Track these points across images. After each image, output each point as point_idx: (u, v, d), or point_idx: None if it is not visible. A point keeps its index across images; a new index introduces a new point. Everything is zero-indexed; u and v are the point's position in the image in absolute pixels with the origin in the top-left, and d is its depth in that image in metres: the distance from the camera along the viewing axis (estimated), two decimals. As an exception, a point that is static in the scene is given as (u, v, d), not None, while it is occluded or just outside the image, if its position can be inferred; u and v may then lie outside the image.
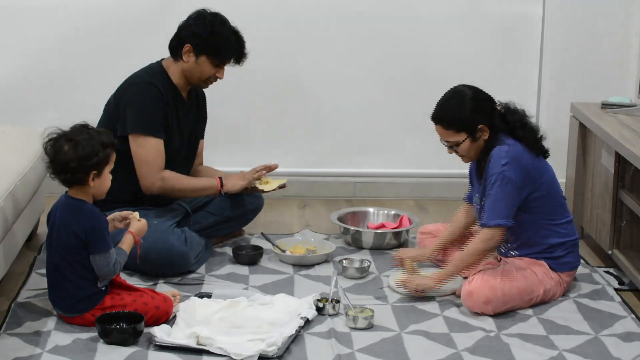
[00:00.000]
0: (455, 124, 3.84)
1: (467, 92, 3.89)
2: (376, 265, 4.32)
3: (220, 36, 4.19)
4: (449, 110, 3.87)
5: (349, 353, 3.49)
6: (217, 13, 4.25)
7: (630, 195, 4.18)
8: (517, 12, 5.29)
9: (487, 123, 3.84)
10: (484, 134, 3.85)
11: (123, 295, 3.64)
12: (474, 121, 3.83)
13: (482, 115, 3.85)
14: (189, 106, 4.36)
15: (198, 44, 4.18)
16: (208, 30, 4.18)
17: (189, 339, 3.47)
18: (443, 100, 3.91)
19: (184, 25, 4.23)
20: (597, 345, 3.60)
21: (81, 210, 3.55)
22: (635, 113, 4.59)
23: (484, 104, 3.88)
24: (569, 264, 3.99)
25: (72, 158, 3.49)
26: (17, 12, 5.08)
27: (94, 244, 3.53)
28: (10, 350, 3.44)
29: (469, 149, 3.88)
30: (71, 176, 3.53)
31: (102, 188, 3.59)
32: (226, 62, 4.26)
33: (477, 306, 3.80)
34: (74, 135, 3.53)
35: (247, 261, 4.33)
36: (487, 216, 3.85)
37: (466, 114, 3.84)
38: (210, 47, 4.19)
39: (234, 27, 4.25)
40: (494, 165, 3.81)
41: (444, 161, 5.26)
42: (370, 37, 5.26)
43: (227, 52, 4.22)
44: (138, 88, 4.19)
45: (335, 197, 5.40)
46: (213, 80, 4.29)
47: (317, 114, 5.35)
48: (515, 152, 3.82)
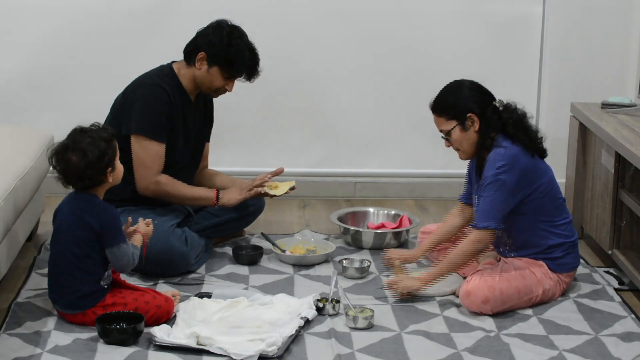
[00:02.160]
0: (446, 111, 3.88)
1: (465, 82, 3.93)
2: (376, 265, 4.32)
3: (236, 50, 4.18)
4: (442, 97, 3.92)
5: (349, 353, 3.49)
6: (236, 26, 4.25)
7: (630, 195, 4.18)
8: (517, 12, 5.29)
9: (477, 112, 3.85)
10: (475, 124, 3.85)
11: (125, 294, 3.65)
12: (464, 109, 3.85)
13: (474, 104, 3.86)
14: (196, 109, 4.36)
15: (212, 54, 4.18)
16: (224, 42, 4.18)
17: (189, 339, 3.47)
18: (441, 91, 3.96)
19: (202, 33, 4.23)
20: (597, 345, 3.60)
21: (95, 204, 3.57)
22: (635, 113, 4.59)
23: (478, 95, 3.90)
24: (568, 265, 3.98)
25: (85, 166, 3.51)
26: (17, 12, 5.08)
27: (112, 237, 3.55)
28: (10, 350, 3.44)
29: (460, 140, 3.88)
30: (89, 181, 3.56)
31: (118, 177, 3.64)
32: (237, 76, 4.25)
33: (475, 305, 3.80)
34: (77, 144, 3.53)
35: (247, 261, 4.33)
36: (477, 218, 3.86)
37: (458, 101, 3.87)
38: (223, 59, 4.18)
39: (251, 43, 4.25)
40: (489, 168, 3.82)
41: (444, 161, 5.29)
42: (370, 37, 5.26)
43: (240, 67, 4.21)
44: (147, 89, 4.19)
45: (335, 197, 5.40)
46: (222, 92, 4.30)
47: (317, 114, 5.35)
48: (511, 155, 3.81)
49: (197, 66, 4.21)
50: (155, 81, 4.22)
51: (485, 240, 3.85)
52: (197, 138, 4.41)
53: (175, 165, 4.25)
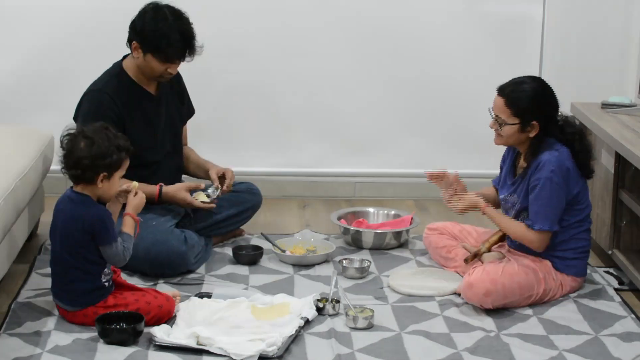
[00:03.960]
0: (516, 107, 3.86)
1: (544, 88, 3.92)
2: (376, 265, 4.32)
3: (161, 33, 4.04)
4: (520, 91, 3.87)
5: (349, 353, 3.49)
6: (161, 6, 4.11)
7: (630, 195, 4.18)
8: (517, 12, 5.29)
9: (542, 123, 3.86)
10: (533, 131, 3.87)
11: (126, 295, 3.66)
12: (532, 115, 3.86)
13: (542, 114, 3.87)
14: (159, 98, 4.29)
15: (141, 41, 4.10)
16: (149, 28, 4.06)
17: (189, 339, 3.47)
18: (520, 80, 3.92)
19: (132, 21, 4.14)
20: (597, 345, 3.60)
21: (85, 204, 3.57)
22: (635, 113, 4.59)
23: (549, 107, 3.91)
24: (575, 268, 3.99)
25: (86, 155, 3.52)
26: (17, 12, 5.08)
27: (101, 237, 3.55)
28: (10, 350, 3.44)
29: (512, 135, 3.89)
30: (81, 173, 3.55)
31: (109, 192, 3.61)
32: (172, 61, 4.12)
33: (476, 298, 3.80)
34: (91, 134, 3.55)
35: (247, 261, 4.33)
36: (533, 219, 3.88)
37: (531, 105, 3.86)
38: (151, 45, 4.08)
39: (182, 21, 4.10)
40: (544, 169, 3.83)
41: (444, 161, 5.28)
42: (370, 37, 5.26)
43: (170, 50, 4.08)
44: (89, 97, 4.16)
45: (335, 197, 5.40)
46: (168, 76, 4.18)
47: (317, 113, 5.35)
48: (564, 158, 3.84)
49: (135, 56, 4.15)
50: (98, 86, 4.17)
51: (541, 243, 3.89)
52: (172, 124, 4.35)
53: (157, 158, 4.23)
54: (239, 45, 5.12)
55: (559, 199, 3.86)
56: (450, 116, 5.38)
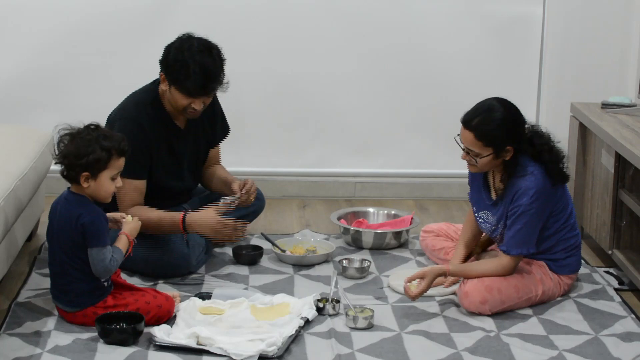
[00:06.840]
0: (487, 139, 3.75)
1: (510, 112, 3.79)
2: (376, 265, 4.32)
3: (181, 65, 3.93)
4: (486, 123, 3.75)
5: (349, 353, 3.49)
6: (193, 38, 4.02)
7: (630, 195, 4.18)
8: (517, 12, 5.29)
9: (515, 146, 3.79)
10: (509, 154, 3.80)
11: (125, 295, 3.65)
12: (505, 142, 3.76)
13: (514, 138, 3.78)
14: (186, 132, 4.20)
15: (165, 72, 4.00)
16: (171, 57, 3.96)
17: (189, 339, 3.47)
18: (482, 109, 3.79)
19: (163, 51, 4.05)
20: (597, 345, 3.60)
21: (80, 204, 3.56)
22: (635, 113, 4.59)
23: (519, 128, 3.81)
24: (570, 267, 3.98)
25: (66, 154, 3.53)
26: (17, 12, 5.08)
27: (91, 238, 3.53)
28: (10, 350, 3.44)
29: (488, 164, 3.81)
30: (65, 171, 3.56)
31: (99, 192, 3.57)
32: (194, 95, 3.97)
33: (473, 306, 3.80)
34: (78, 132, 3.55)
35: (247, 261, 4.33)
36: (509, 245, 3.83)
37: (501, 134, 3.75)
38: (172, 76, 3.97)
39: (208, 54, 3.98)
40: (522, 196, 3.77)
41: (444, 161, 5.30)
42: (370, 37, 5.26)
43: (188, 84, 3.95)
44: (123, 125, 4.00)
45: (335, 197, 5.40)
46: (192, 112, 4.04)
47: (317, 113, 5.35)
48: (541, 181, 3.78)
49: (163, 88, 4.06)
50: (132, 114, 4.04)
51: (513, 266, 3.85)
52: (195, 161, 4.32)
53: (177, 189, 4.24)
54: (239, 46, 5.11)
55: (537, 223, 3.82)
56: (450, 116, 5.32)
